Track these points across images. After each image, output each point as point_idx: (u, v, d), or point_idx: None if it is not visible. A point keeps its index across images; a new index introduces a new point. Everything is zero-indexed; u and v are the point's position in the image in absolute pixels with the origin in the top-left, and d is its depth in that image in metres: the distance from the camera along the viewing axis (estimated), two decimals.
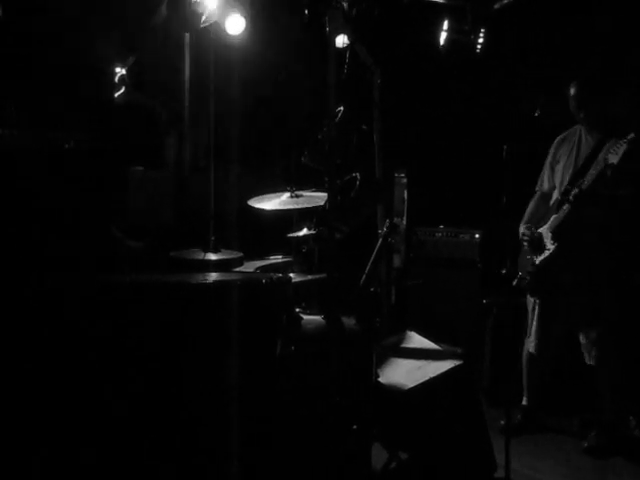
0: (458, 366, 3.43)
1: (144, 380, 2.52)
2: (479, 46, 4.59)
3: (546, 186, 4.23)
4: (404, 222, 5.63)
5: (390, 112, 4.60)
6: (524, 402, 4.29)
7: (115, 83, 4.30)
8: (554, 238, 3.97)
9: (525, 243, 4.10)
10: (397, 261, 5.52)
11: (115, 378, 2.50)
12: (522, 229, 4.17)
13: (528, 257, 4.09)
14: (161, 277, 3.02)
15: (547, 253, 3.99)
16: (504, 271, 3.51)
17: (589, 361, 3.97)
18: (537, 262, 4.03)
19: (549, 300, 4.07)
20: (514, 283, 4.06)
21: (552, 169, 4.19)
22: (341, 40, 4.03)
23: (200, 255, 3.73)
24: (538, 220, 4.16)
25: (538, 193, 4.29)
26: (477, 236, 5.34)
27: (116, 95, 4.28)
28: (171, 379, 2.54)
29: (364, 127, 4.03)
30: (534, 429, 4.23)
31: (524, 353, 4.21)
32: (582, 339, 3.99)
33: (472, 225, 5.37)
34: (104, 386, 2.49)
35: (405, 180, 5.72)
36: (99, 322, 2.48)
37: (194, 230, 4.09)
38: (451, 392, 3.39)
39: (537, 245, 4.04)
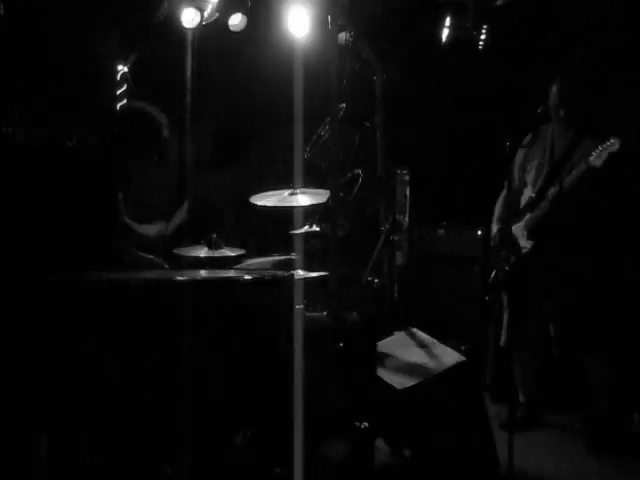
0: (460, 363, 3.44)
1: (144, 376, 2.52)
2: (481, 42, 4.59)
3: (516, 184, 4.20)
4: (406, 219, 5.62)
5: (392, 109, 4.60)
6: (520, 399, 4.32)
7: (117, 81, 4.31)
8: (530, 237, 3.98)
9: (497, 242, 4.11)
10: (399, 258, 5.53)
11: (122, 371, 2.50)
12: (494, 230, 4.18)
13: (502, 254, 4.09)
14: (164, 274, 3.02)
15: (523, 251, 4.00)
16: (476, 268, 3.50)
17: (555, 353, 4.01)
18: (512, 260, 4.04)
19: (523, 297, 4.09)
20: (489, 280, 4.08)
21: (523, 168, 4.18)
22: (344, 37, 4.03)
23: (202, 252, 3.74)
24: (510, 218, 4.14)
25: (506, 191, 4.26)
26: (479, 233, 5.33)
27: (118, 93, 4.29)
28: (171, 373, 2.54)
29: (367, 124, 4.03)
30: (536, 425, 4.24)
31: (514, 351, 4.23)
32: (552, 331, 4.02)
33: (474, 222, 5.36)
34: (111, 377, 2.50)
35: (407, 177, 5.72)
36: (107, 318, 2.48)
37: (196, 227, 4.10)
38: (454, 389, 3.40)
39: (510, 244, 4.05)
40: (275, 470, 2.81)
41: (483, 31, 4.51)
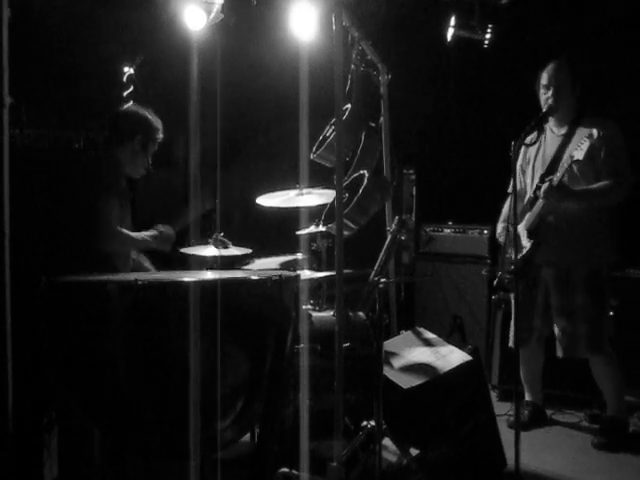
0: (467, 362, 3.44)
1: (150, 376, 2.54)
2: (487, 42, 4.59)
3: (520, 186, 4.21)
4: (413, 218, 5.63)
5: (398, 109, 4.60)
6: (526, 397, 4.32)
7: (123, 83, 4.32)
8: (529, 235, 3.99)
9: (502, 241, 4.11)
10: (406, 257, 5.53)
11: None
12: (499, 229, 4.19)
13: (507, 256, 4.10)
14: (171, 275, 3.03)
15: (524, 251, 4.00)
16: (484, 273, 3.47)
17: (559, 354, 3.99)
18: (515, 260, 4.04)
19: (528, 296, 4.08)
20: (495, 283, 4.09)
21: (523, 171, 4.21)
22: (348, 37, 4.03)
23: (209, 251, 3.76)
24: (515, 218, 4.15)
25: (511, 196, 4.28)
26: (486, 232, 5.34)
27: (124, 94, 4.30)
28: (176, 373, 2.55)
29: (372, 124, 4.03)
30: (542, 424, 4.24)
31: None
32: (557, 332, 4.01)
33: (481, 221, 5.37)
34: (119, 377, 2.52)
35: (414, 176, 5.73)
36: (120, 321, 2.50)
37: (203, 227, 4.11)
38: (460, 388, 3.40)
39: (515, 243, 4.05)
40: (281, 469, 2.82)
41: (488, 30, 4.50)
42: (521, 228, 4.05)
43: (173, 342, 2.51)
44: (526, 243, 4.01)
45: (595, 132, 3.69)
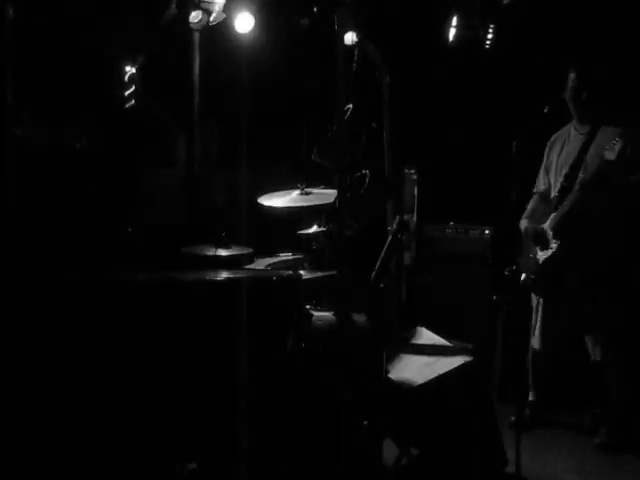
0: (469, 362, 3.44)
1: (155, 374, 2.55)
2: (488, 42, 4.58)
3: (542, 187, 4.24)
4: (414, 219, 5.62)
5: (399, 109, 4.60)
6: (531, 397, 4.31)
7: (125, 82, 4.33)
8: (555, 236, 3.97)
9: (530, 238, 4.10)
10: (407, 258, 5.52)
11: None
12: (524, 224, 4.18)
13: (531, 256, 4.09)
14: (172, 274, 3.03)
15: (550, 252, 3.99)
16: (507, 272, 3.51)
17: (595, 357, 3.97)
18: (540, 261, 4.03)
19: (553, 299, 4.08)
20: (520, 282, 4.08)
21: (546, 171, 4.22)
22: (350, 38, 4.03)
23: (211, 251, 3.75)
24: (539, 217, 4.15)
25: (536, 195, 4.30)
26: (487, 232, 5.33)
27: (126, 94, 4.31)
28: (181, 372, 2.56)
29: (374, 125, 4.03)
30: (544, 425, 4.23)
31: (529, 350, 4.22)
32: (587, 338, 4.00)
33: (482, 221, 5.36)
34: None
35: (415, 176, 5.72)
36: (120, 317, 2.50)
37: (204, 227, 4.11)
38: (462, 388, 3.40)
39: (542, 240, 4.04)
40: (281, 467, 2.83)
41: (490, 30, 4.50)
42: (546, 228, 4.04)
43: (173, 340, 2.52)
44: (552, 244, 4.00)
45: (628, 131, 3.67)
